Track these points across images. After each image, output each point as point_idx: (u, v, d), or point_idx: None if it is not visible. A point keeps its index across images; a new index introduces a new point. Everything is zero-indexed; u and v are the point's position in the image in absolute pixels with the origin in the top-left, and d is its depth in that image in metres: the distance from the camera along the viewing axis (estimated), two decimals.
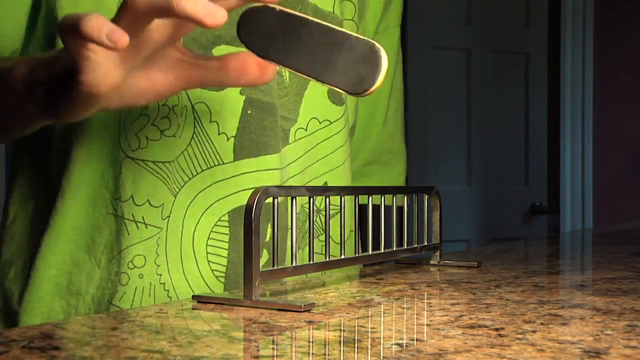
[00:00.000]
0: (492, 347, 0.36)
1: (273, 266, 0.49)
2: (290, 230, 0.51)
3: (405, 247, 0.66)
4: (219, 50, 0.66)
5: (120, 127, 0.65)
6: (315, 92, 0.73)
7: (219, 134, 0.66)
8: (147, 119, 0.64)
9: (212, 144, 0.66)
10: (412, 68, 2.56)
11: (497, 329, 0.40)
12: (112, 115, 0.64)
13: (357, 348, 0.36)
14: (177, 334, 0.39)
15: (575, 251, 0.94)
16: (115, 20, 0.44)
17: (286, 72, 0.71)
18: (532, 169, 2.87)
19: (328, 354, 0.35)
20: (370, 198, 0.60)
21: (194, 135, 0.66)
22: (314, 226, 0.72)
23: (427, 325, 0.42)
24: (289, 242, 0.66)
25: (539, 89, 2.86)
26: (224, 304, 0.48)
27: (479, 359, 0.33)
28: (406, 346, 0.36)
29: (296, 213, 0.51)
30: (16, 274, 0.71)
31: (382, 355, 0.35)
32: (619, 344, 0.36)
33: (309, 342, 0.37)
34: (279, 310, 0.46)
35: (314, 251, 0.57)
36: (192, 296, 0.50)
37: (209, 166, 0.66)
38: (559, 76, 2.70)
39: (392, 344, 0.37)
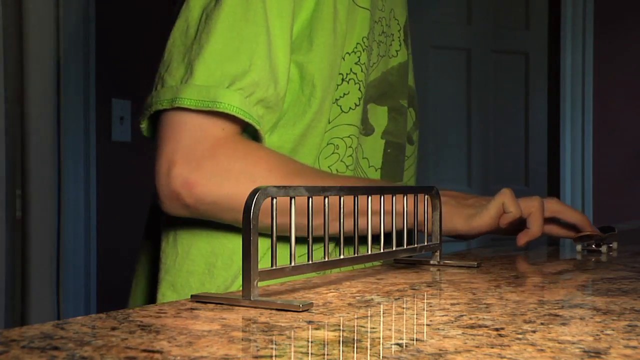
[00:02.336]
0: (492, 347, 0.36)
1: (272, 266, 0.49)
2: (289, 230, 0.51)
3: (405, 247, 0.66)
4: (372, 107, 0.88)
5: (317, 162, 0.81)
6: None
7: (369, 167, 0.88)
8: (338, 156, 0.82)
9: (366, 174, 0.88)
10: (415, 71, 2.57)
11: (497, 329, 0.40)
12: (311, 151, 0.80)
13: (357, 348, 0.36)
14: (177, 334, 0.39)
15: (575, 251, 0.94)
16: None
17: None
18: (532, 169, 2.87)
19: (328, 354, 0.35)
20: (369, 198, 0.60)
21: (355, 168, 0.85)
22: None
23: (427, 325, 0.42)
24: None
25: (539, 89, 2.86)
26: (223, 303, 0.48)
27: (479, 359, 0.33)
28: (406, 346, 0.36)
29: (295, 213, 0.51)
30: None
31: (381, 355, 0.35)
32: (619, 344, 0.36)
33: (309, 342, 0.37)
34: (278, 310, 0.46)
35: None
36: (192, 296, 0.50)
37: None
38: (559, 76, 2.70)
39: (392, 344, 0.37)
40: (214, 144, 0.70)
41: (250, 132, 0.74)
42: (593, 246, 0.89)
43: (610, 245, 0.91)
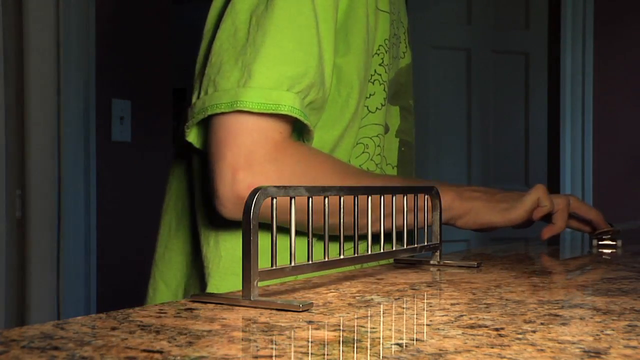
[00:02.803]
0: (492, 347, 0.36)
1: (272, 266, 0.49)
2: (290, 229, 0.51)
3: (405, 247, 0.66)
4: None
5: (349, 162, 0.84)
6: None
7: (386, 165, 0.91)
8: (368, 155, 0.86)
9: (385, 172, 0.91)
10: (412, 68, 2.57)
11: (497, 329, 0.40)
12: (346, 151, 0.83)
13: (357, 348, 0.36)
14: (177, 334, 0.39)
15: (575, 251, 0.94)
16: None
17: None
18: (532, 169, 2.87)
19: (328, 354, 0.35)
20: (369, 198, 0.60)
21: (376, 166, 0.87)
22: None
23: (427, 325, 0.42)
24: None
25: (539, 89, 2.86)
26: (223, 303, 0.48)
27: (479, 359, 0.33)
28: (406, 346, 0.36)
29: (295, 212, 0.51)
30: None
31: (381, 355, 0.35)
32: (619, 344, 0.36)
33: (309, 342, 0.37)
34: (278, 310, 0.46)
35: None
36: (191, 296, 0.50)
37: None
38: (559, 76, 2.70)
39: (392, 344, 0.37)
40: (274, 147, 0.71)
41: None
42: (609, 241, 0.95)
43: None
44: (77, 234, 2.05)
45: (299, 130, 0.75)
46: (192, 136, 0.76)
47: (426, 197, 0.74)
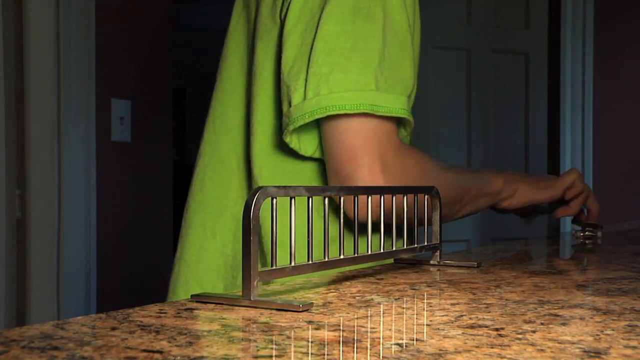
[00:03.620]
0: (492, 347, 0.36)
1: (272, 266, 0.49)
2: (290, 230, 0.51)
3: (405, 247, 0.66)
4: None
5: None
6: None
7: None
8: None
9: None
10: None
11: (497, 329, 0.40)
12: None
13: (357, 348, 0.36)
14: (177, 334, 0.39)
15: (575, 251, 0.94)
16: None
17: None
18: (532, 168, 2.87)
19: (328, 354, 0.35)
20: (369, 198, 0.60)
21: None
22: None
23: (427, 325, 0.42)
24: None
25: (539, 89, 2.86)
26: (223, 303, 0.48)
27: (479, 359, 0.33)
28: (406, 346, 0.36)
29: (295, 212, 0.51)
30: None
31: (381, 355, 0.35)
32: (619, 344, 0.36)
33: (309, 342, 0.37)
34: (278, 310, 0.46)
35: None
36: (192, 296, 0.50)
37: None
38: (559, 76, 2.70)
39: (392, 344, 0.37)
40: (398, 149, 0.76)
41: None
42: (590, 233, 1.04)
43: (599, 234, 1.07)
44: (77, 233, 2.05)
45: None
46: (294, 142, 0.77)
47: (426, 196, 0.74)
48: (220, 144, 0.90)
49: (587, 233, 1.03)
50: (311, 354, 0.35)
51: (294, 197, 0.51)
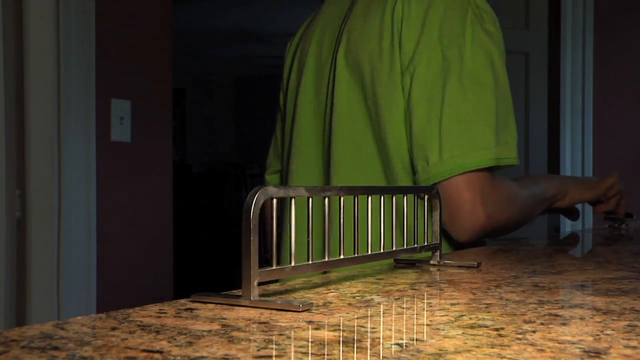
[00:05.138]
0: (492, 347, 0.36)
1: (272, 266, 0.49)
2: (289, 230, 0.51)
3: (405, 247, 0.66)
4: None
5: None
6: None
7: None
8: None
9: None
10: None
11: (497, 329, 0.40)
12: None
13: (357, 348, 0.36)
14: (177, 334, 0.39)
15: (575, 251, 0.94)
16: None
17: None
18: (532, 168, 2.86)
19: (328, 354, 0.35)
20: (369, 198, 0.60)
21: None
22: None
23: (427, 325, 0.42)
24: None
25: (539, 89, 2.86)
26: (223, 303, 0.48)
27: (479, 359, 0.33)
28: (406, 346, 0.36)
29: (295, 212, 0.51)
30: None
31: (381, 355, 0.35)
32: (619, 344, 0.36)
33: (309, 342, 0.37)
34: (278, 310, 0.46)
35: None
36: (192, 296, 0.50)
37: None
38: (559, 76, 2.69)
39: (392, 344, 0.37)
40: (492, 181, 0.93)
41: None
42: (619, 222, 1.29)
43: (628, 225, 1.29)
44: (77, 234, 2.05)
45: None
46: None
47: (426, 196, 0.74)
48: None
49: (623, 225, 1.28)
50: (311, 354, 0.35)
51: (294, 197, 0.51)
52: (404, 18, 0.94)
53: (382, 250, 0.62)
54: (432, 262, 0.71)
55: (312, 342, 0.37)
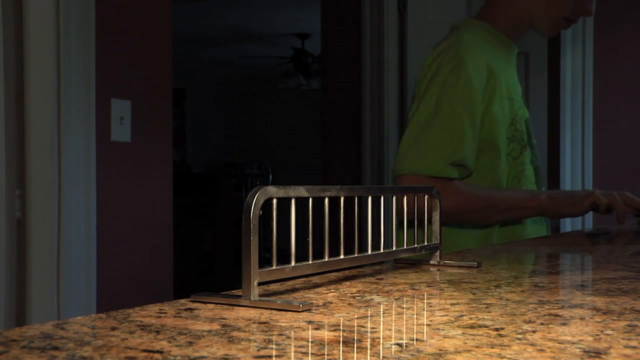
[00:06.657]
0: (492, 347, 0.36)
1: (272, 266, 0.49)
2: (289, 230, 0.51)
3: (405, 247, 0.66)
4: None
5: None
6: None
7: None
8: (522, 184, 1.42)
9: None
10: (413, 68, 2.56)
11: (497, 329, 0.40)
12: (505, 184, 1.40)
13: (357, 348, 0.36)
14: (177, 334, 0.39)
15: (575, 251, 0.94)
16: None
17: None
18: None
19: (328, 354, 0.35)
20: (369, 198, 0.60)
21: None
22: None
23: (427, 325, 0.42)
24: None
25: (539, 89, 2.86)
26: (223, 303, 0.48)
27: (479, 359, 0.33)
28: (406, 346, 0.36)
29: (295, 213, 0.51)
30: None
31: (381, 355, 0.35)
32: (619, 344, 0.36)
33: (309, 342, 0.37)
34: (278, 310, 0.46)
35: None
36: (192, 296, 0.50)
37: None
38: (559, 76, 2.69)
39: (392, 344, 0.37)
40: (447, 186, 1.23)
41: None
42: None
43: None
44: (77, 234, 2.05)
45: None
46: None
47: (426, 196, 0.74)
48: None
49: None
50: (311, 354, 0.35)
51: (294, 197, 0.51)
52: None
53: (382, 250, 0.62)
54: (432, 262, 0.71)
55: (312, 342, 0.37)
